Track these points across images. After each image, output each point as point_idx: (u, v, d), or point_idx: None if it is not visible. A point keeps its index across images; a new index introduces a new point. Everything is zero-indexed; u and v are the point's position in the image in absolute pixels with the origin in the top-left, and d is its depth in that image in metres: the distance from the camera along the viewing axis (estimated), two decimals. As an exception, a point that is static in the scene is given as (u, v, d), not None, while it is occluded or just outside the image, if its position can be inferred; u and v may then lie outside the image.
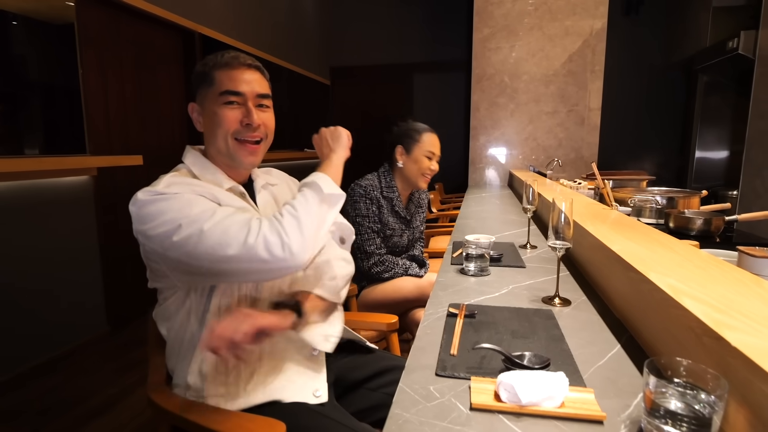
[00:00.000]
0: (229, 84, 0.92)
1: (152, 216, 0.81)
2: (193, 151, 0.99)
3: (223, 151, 0.95)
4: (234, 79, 0.93)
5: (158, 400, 0.89)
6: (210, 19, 3.56)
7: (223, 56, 0.95)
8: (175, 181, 0.86)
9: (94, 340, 2.56)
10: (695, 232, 1.51)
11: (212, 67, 0.94)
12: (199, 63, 0.97)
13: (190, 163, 0.97)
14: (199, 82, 0.96)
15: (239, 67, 0.94)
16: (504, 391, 0.65)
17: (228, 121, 0.93)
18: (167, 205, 0.81)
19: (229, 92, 0.92)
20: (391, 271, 1.74)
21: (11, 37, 2.12)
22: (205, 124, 0.96)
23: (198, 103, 0.97)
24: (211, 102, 0.94)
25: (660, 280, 0.75)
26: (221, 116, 0.93)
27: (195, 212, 0.80)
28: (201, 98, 0.96)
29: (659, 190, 1.96)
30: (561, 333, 0.89)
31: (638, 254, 0.93)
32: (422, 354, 0.82)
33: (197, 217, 0.79)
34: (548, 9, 4.24)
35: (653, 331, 0.80)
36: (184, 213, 0.80)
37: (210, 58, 0.96)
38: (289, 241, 0.79)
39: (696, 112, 4.17)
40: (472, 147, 4.72)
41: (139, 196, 0.82)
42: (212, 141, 0.96)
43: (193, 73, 0.98)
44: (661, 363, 0.57)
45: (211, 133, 0.95)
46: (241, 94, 0.93)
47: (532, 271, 1.36)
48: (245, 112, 0.94)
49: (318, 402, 0.95)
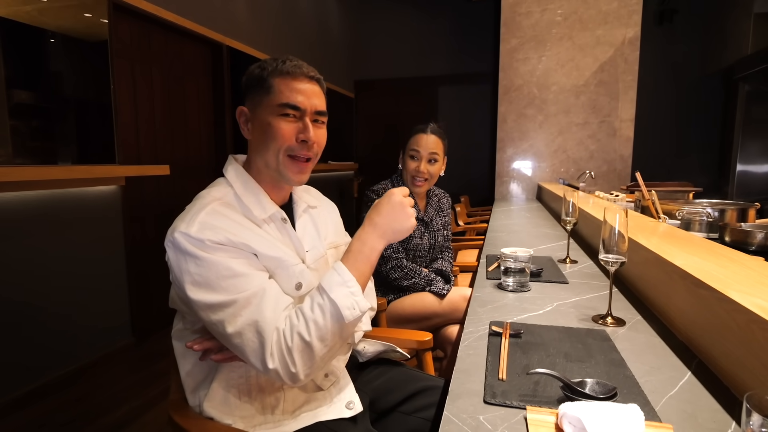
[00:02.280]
0: (288, 96, 0.86)
1: (181, 268, 0.77)
2: (235, 164, 0.93)
3: (272, 166, 0.88)
4: (294, 90, 0.87)
5: (179, 420, 0.84)
6: (238, 32, 3.61)
7: (285, 63, 0.87)
8: (210, 224, 0.78)
9: (119, 351, 2.54)
10: (755, 247, 1.38)
11: (271, 73, 0.87)
12: (255, 65, 0.90)
13: (231, 179, 0.90)
14: (253, 87, 0.89)
15: (301, 77, 0.88)
16: (569, 425, 0.56)
17: (283, 135, 0.86)
18: (197, 269, 0.76)
19: (287, 105, 0.86)
20: (411, 280, 1.65)
21: (49, 54, 2.17)
22: (256, 132, 0.89)
23: (249, 108, 0.90)
24: (266, 111, 0.87)
25: (744, 300, 0.65)
26: (276, 129, 0.86)
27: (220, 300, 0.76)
28: (253, 104, 0.89)
29: (709, 202, 1.83)
30: (621, 357, 0.80)
31: (707, 270, 0.83)
32: (467, 377, 0.74)
33: (221, 309, 0.76)
34: (578, 18, 4.15)
35: (732, 358, 0.70)
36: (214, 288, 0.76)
37: (269, 62, 0.89)
38: (297, 371, 0.75)
39: (737, 122, 3.98)
40: (498, 159, 4.62)
41: (176, 237, 0.77)
42: (261, 152, 0.89)
43: (247, 75, 0.90)
44: (766, 399, 0.47)
45: (263, 145, 0.88)
46: (300, 108, 0.87)
47: (576, 288, 1.26)
48: (302, 128, 0.87)
49: (353, 413, 0.88)
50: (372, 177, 6.00)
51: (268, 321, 0.75)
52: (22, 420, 1.90)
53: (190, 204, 0.85)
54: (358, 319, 0.78)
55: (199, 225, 0.78)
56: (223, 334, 0.76)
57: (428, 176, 1.74)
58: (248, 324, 0.75)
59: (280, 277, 0.83)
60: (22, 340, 2.03)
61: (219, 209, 0.82)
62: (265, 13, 4.04)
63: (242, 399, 0.85)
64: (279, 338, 0.75)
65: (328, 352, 0.78)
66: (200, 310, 0.76)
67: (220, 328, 0.75)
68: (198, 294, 0.76)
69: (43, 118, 2.16)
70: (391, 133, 6.12)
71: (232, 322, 0.75)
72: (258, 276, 0.79)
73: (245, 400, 0.85)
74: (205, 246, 0.76)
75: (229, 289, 0.76)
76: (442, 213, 1.91)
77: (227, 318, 0.75)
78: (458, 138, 5.52)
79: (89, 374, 2.30)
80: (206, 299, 0.75)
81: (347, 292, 0.77)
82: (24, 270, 2.04)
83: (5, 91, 1.94)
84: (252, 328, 0.75)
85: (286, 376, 0.74)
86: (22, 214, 2.03)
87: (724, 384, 0.71)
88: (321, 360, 0.77)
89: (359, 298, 0.78)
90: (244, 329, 0.75)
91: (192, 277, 0.76)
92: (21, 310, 2.03)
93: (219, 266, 0.76)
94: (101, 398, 2.10)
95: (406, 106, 6.05)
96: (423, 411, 0.97)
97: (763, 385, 0.61)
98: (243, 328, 0.75)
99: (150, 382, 2.26)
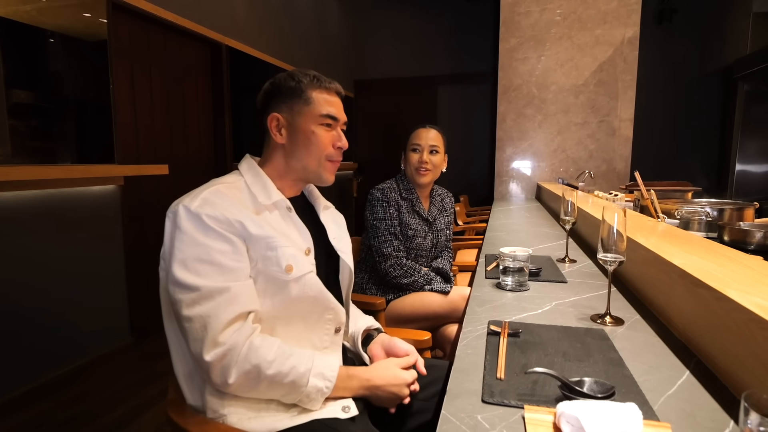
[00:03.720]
0: (329, 108, 0.97)
1: (173, 240, 0.82)
2: (250, 160, 1.00)
3: (312, 169, 0.98)
4: (332, 104, 0.98)
5: (177, 419, 0.84)
6: (237, 32, 3.60)
7: (320, 80, 0.98)
8: (213, 201, 0.85)
9: (118, 350, 2.54)
10: (754, 246, 1.38)
11: (308, 86, 0.97)
12: (285, 77, 0.98)
13: (243, 170, 0.98)
14: (287, 96, 0.97)
15: (335, 93, 1.00)
16: (567, 424, 0.56)
17: (325, 142, 0.97)
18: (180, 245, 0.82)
19: (329, 116, 0.97)
20: (410, 278, 1.66)
21: (48, 54, 2.17)
22: (293, 138, 0.97)
23: (285, 116, 0.97)
24: (307, 120, 0.96)
25: (742, 299, 0.65)
26: (320, 137, 0.96)
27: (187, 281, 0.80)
28: (291, 113, 0.97)
29: (707, 201, 1.83)
30: (619, 356, 0.80)
31: (706, 269, 0.83)
32: (465, 377, 0.74)
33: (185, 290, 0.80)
34: (578, 18, 4.15)
35: (731, 357, 0.70)
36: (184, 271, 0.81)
37: (299, 75, 0.98)
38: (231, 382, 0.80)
39: (736, 121, 3.98)
40: (498, 159, 4.62)
41: (178, 209, 0.84)
42: (300, 156, 0.97)
43: (276, 84, 0.98)
44: (764, 398, 0.47)
45: (305, 151, 0.97)
46: (338, 119, 0.99)
47: (575, 287, 1.26)
48: (337, 136, 1.00)
49: (348, 416, 0.88)
50: (372, 177, 5.99)
51: (221, 321, 0.79)
52: (20, 420, 1.90)
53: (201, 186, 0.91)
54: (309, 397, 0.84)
55: (201, 200, 0.84)
56: (177, 313, 0.81)
57: (431, 166, 1.76)
58: (200, 316, 0.79)
59: (269, 261, 0.86)
60: (20, 340, 2.02)
61: (224, 190, 0.88)
62: (264, 13, 4.04)
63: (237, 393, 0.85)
64: (235, 345, 0.79)
65: (267, 392, 0.83)
66: (170, 282, 0.81)
67: (176, 306, 0.80)
68: (175, 268, 0.80)
69: (42, 118, 2.15)
70: (390, 132, 6.11)
71: (189, 308, 0.79)
72: (234, 273, 0.83)
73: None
74: (200, 222, 0.82)
75: (200, 274, 0.80)
76: (445, 212, 1.91)
77: (186, 301, 0.79)
78: (458, 138, 5.52)
79: (87, 374, 2.30)
80: (178, 276, 0.80)
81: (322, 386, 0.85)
82: (23, 269, 2.04)
83: (4, 91, 1.93)
84: (202, 321, 0.79)
85: (217, 376, 0.79)
86: (21, 214, 2.03)
87: (723, 383, 0.71)
88: (256, 392, 0.83)
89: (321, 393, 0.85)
90: (195, 319, 0.79)
91: (178, 251, 0.81)
92: (19, 310, 2.02)
93: (202, 247, 0.81)
94: (100, 398, 2.10)
95: (405, 106, 6.05)
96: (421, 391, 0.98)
97: (761, 383, 0.61)
98: (194, 318, 0.79)
99: (149, 382, 2.26)
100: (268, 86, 0.99)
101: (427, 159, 1.75)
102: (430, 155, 1.75)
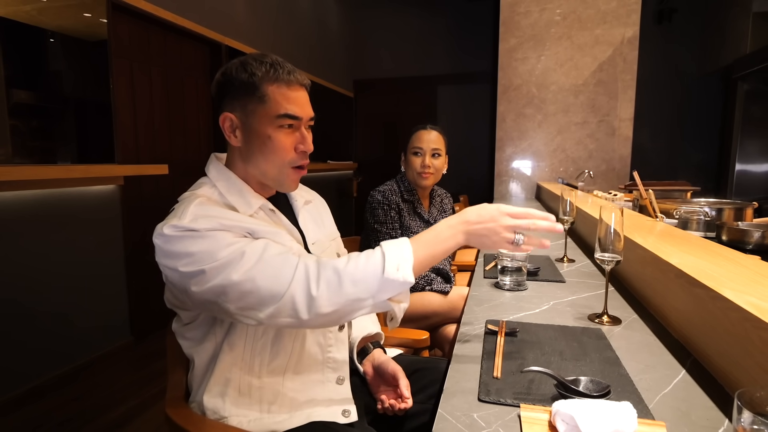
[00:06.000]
0: (287, 106, 0.83)
1: (178, 255, 0.73)
2: (217, 163, 0.90)
3: (272, 176, 0.87)
4: (292, 101, 0.83)
5: (176, 417, 0.84)
6: (237, 32, 3.61)
7: (276, 70, 0.82)
8: (202, 214, 0.76)
9: (118, 350, 2.55)
10: (752, 246, 1.38)
11: (263, 79, 0.82)
12: (235, 66, 0.84)
13: (214, 177, 0.87)
14: (239, 92, 0.83)
15: (296, 86, 0.85)
16: (562, 422, 0.56)
17: (285, 147, 0.84)
18: (195, 245, 0.73)
19: (288, 116, 0.83)
20: None
21: (48, 54, 2.18)
22: (249, 142, 0.85)
23: (238, 116, 0.84)
24: (262, 122, 0.83)
25: (738, 298, 0.66)
26: (278, 142, 0.84)
27: (223, 255, 0.72)
28: (244, 112, 0.84)
29: (706, 201, 1.83)
30: (616, 355, 0.80)
31: (702, 268, 0.84)
32: (462, 376, 0.74)
33: (226, 263, 0.72)
34: (577, 18, 4.15)
35: (726, 356, 0.70)
36: (213, 257, 0.73)
37: (252, 64, 0.83)
38: (317, 296, 0.71)
39: (736, 121, 3.98)
40: (497, 159, 4.61)
41: (165, 231, 0.74)
42: (256, 163, 0.86)
43: (227, 77, 0.84)
44: (757, 396, 0.48)
45: (261, 157, 0.85)
46: (299, 119, 0.85)
47: (573, 287, 1.26)
48: (300, 138, 0.86)
49: (348, 421, 0.88)
50: (371, 177, 5.99)
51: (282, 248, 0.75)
52: (20, 419, 1.90)
53: (176, 206, 0.83)
54: (397, 285, 0.72)
55: (192, 216, 0.75)
56: (229, 285, 0.71)
57: (434, 170, 1.76)
58: (258, 260, 0.72)
59: None
60: (20, 339, 2.03)
61: (206, 202, 0.80)
62: (264, 13, 4.04)
63: (241, 394, 0.85)
64: (305, 265, 0.73)
65: (355, 301, 0.72)
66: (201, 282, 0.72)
67: (225, 281, 0.71)
68: (194, 265, 0.72)
69: (42, 118, 2.16)
70: (390, 132, 6.11)
71: (237, 267, 0.71)
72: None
73: (244, 395, 0.85)
74: (198, 233, 0.74)
75: (231, 248, 0.73)
76: (444, 213, 1.92)
77: (233, 263, 0.71)
78: (457, 137, 5.52)
79: (87, 373, 2.30)
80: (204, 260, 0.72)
81: (399, 253, 0.73)
82: (23, 269, 2.05)
83: (5, 91, 1.94)
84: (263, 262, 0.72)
85: (303, 299, 0.71)
86: (21, 214, 2.03)
87: (718, 382, 0.72)
88: (346, 302, 0.72)
89: (407, 266, 0.72)
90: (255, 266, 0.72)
91: (186, 258, 0.73)
92: (19, 309, 2.03)
93: (218, 239, 0.74)
94: (99, 397, 2.11)
95: (405, 106, 6.05)
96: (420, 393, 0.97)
97: (756, 382, 0.61)
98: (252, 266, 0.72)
99: (148, 381, 2.26)
100: (220, 76, 0.86)
101: (430, 163, 1.73)
102: (432, 159, 1.74)
